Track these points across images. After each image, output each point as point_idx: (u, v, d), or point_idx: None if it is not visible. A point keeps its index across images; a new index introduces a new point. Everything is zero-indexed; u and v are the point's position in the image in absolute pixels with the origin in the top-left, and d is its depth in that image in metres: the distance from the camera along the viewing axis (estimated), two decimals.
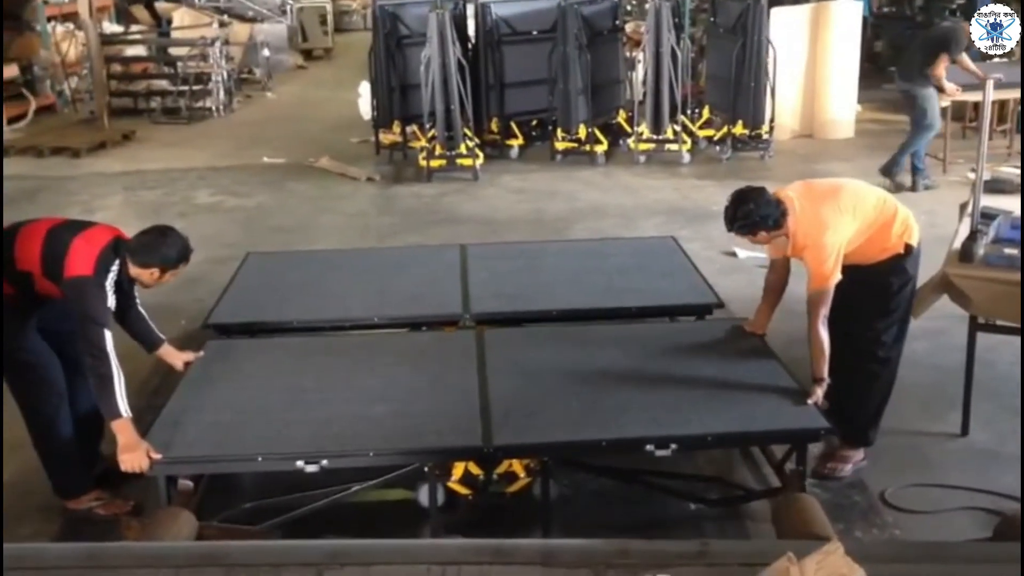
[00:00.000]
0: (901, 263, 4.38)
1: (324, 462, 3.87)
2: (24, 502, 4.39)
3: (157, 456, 3.82)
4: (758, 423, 4.09)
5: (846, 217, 4.23)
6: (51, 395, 4.18)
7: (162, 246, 4.11)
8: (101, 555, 2.76)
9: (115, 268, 4.05)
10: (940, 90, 8.87)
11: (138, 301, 4.42)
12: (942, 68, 8.66)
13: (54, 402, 4.19)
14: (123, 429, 3.85)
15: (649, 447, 3.95)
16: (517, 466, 4.23)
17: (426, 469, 3.99)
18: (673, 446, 3.96)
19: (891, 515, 4.25)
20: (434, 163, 10.14)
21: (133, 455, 3.80)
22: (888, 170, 9.10)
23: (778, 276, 4.63)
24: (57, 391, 4.20)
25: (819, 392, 4.16)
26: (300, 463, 3.86)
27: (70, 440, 4.26)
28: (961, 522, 4.18)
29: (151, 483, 4.14)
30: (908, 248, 4.37)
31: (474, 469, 4.19)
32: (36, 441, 4.28)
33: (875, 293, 4.42)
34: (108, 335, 3.91)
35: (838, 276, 4.19)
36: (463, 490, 4.22)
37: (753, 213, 4.21)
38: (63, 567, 2.72)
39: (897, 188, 8.81)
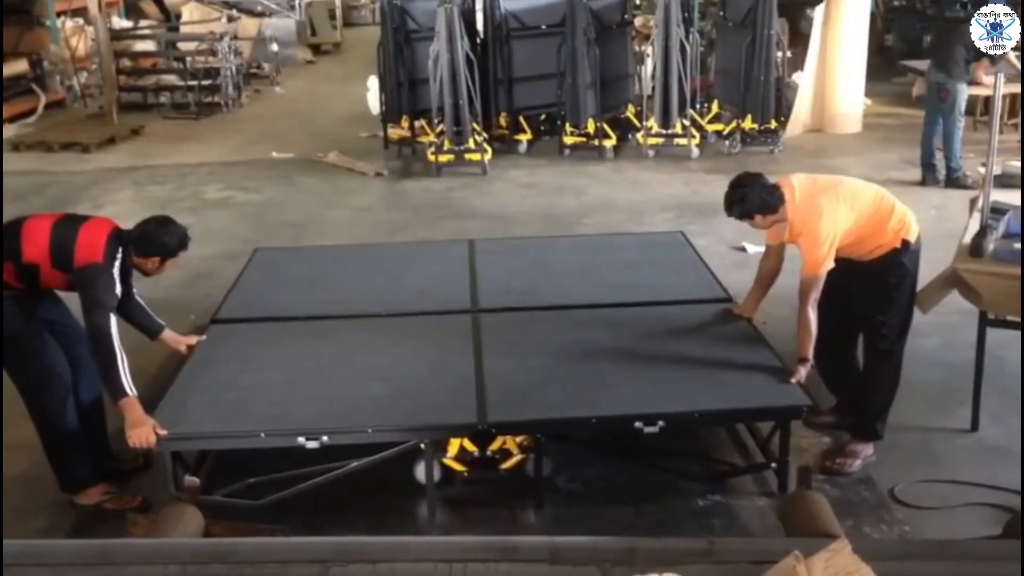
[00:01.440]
0: (898, 258, 4.42)
1: (324, 438, 4.02)
2: (37, 497, 4.42)
3: (163, 432, 3.96)
4: (743, 401, 4.26)
5: (843, 207, 4.31)
6: (59, 387, 4.22)
7: (161, 236, 4.25)
8: (108, 551, 2.77)
9: (120, 256, 4.17)
10: (973, 84, 8.89)
11: (135, 291, 4.51)
12: (983, 71, 8.66)
13: (61, 394, 4.23)
14: (130, 407, 3.98)
15: (638, 424, 4.10)
16: (511, 443, 4.33)
17: (423, 446, 4.11)
18: (661, 423, 4.10)
19: (900, 511, 4.24)
20: (442, 158, 10.13)
21: (140, 431, 3.94)
22: (952, 179, 9.04)
23: (772, 263, 4.76)
24: (64, 383, 4.25)
25: (802, 372, 4.32)
26: (301, 439, 4.02)
27: (76, 432, 4.30)
28: (970, 518, 4.16)
29: (159, 480, 4.20)
30: (905, 243, 4.41)
31: (469, 446, 4.30)
32: (43, 434, 4.31)
33: (874, 287, 4.47)
34: (113, 319, 4.04)
35: (831, 264, 4.30)
36: (458, 467, 4.33)
37: (749, 197, 4.35)
38: (71, 563, 2.73)
39: (966, 184, 8.78)
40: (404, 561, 2.64)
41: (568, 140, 10.72)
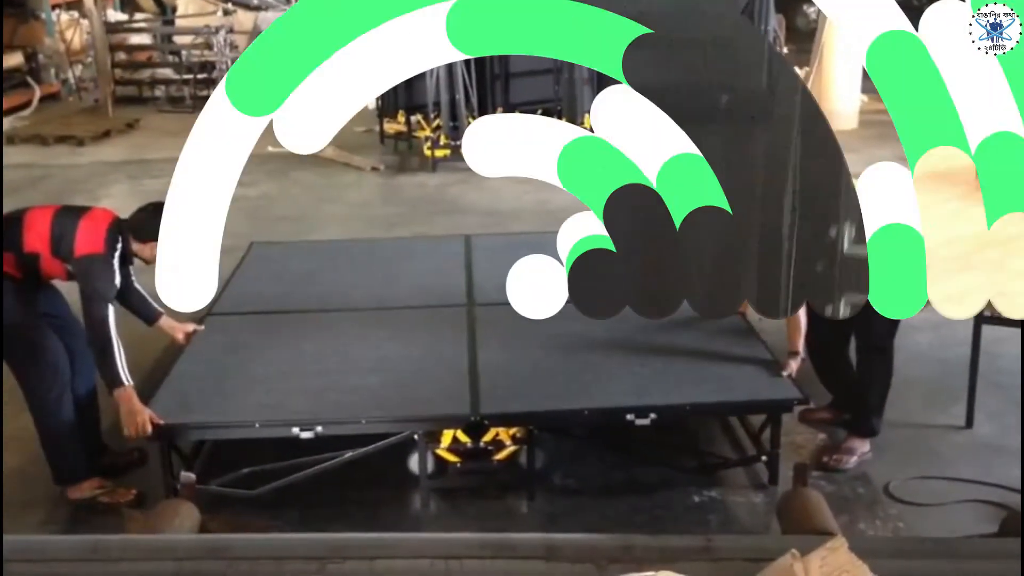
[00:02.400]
0: None
1: (319, 429, 4.06)
2: (34, 491, 4.41)
3: (159, 421, 4.00)
4: (735, 394, 4.31)
5: None
6: (56, 378, 4.22)
7: (159, 221, 4.20)
8: (104, 547, 2.76)
9: (119, 245, 4.18)
10: None
11: (133, 278, 4.51)
12: None
13: (59, 387, 4.23)
14: (126, 397, 4.00)
15: (630, 416, 4.14)
16: (504, 434, 4.36)
17: (416, 437, 4.14)
18: (653, 415, 4.15)
19: (895, 507, 4.25)
20: (439, 153, 10.11)
21: (136, 420, 3.97)
22: None
23: None
24: (63, 376, 4.25)
25: (793, 365, 4.37)
26: (296, 430, 4.06)
27: (72, 425, 4.30)
28: (965, 514, 4.17)
29: (153, 474, 4.22)
30: None
31: (462, 437, 4.33)
32: (39, 426, 4.31)
33: None
34: (111, 309, 4.06)
35: None
36: (451, 457, 4.36)
37: None
38: (66, 559, 2.72)
39: None
40: (401, 558, 2.64)
41: None
